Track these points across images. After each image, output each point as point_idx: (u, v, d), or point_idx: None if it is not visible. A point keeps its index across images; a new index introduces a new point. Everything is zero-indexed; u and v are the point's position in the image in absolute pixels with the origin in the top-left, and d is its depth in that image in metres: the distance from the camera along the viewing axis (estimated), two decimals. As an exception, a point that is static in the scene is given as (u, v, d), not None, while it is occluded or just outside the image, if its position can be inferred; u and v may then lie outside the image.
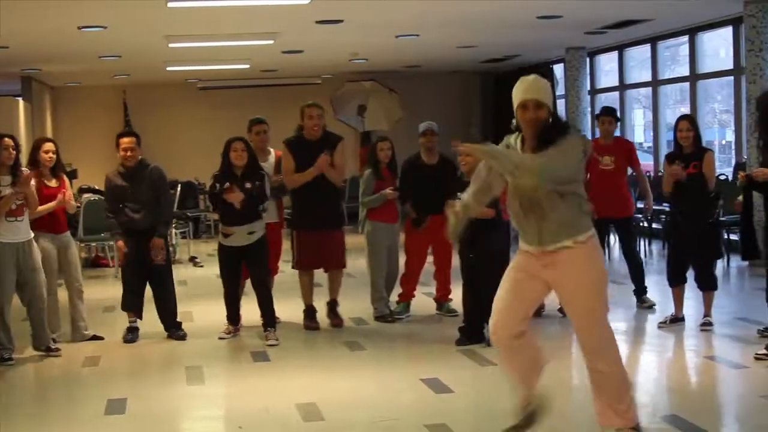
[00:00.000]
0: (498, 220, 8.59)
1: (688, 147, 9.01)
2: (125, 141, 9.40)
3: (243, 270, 9.49)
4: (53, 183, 9.23)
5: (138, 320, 9.52)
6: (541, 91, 5.51)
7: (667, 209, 9.41)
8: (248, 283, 9.82)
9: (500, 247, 8.73)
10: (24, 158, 9.42)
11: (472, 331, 8.69)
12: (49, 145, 9.32)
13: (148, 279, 9.46)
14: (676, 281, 9.28)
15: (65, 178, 9.48)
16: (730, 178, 13.97)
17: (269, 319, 9.38)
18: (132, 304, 9.49)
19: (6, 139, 8.67)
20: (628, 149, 10.36)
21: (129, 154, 9.33)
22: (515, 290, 5.64)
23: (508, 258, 8.80)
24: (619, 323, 9.67)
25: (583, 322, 5.62)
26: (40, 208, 8.88)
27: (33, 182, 8.78)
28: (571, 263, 5.49)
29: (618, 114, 10.39)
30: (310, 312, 9.79)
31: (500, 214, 8.64)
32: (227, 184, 9.13)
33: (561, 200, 5.42)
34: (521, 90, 5.54)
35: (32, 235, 8.75)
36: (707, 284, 9.13)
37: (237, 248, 9.25)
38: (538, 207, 5.44)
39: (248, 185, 9.17)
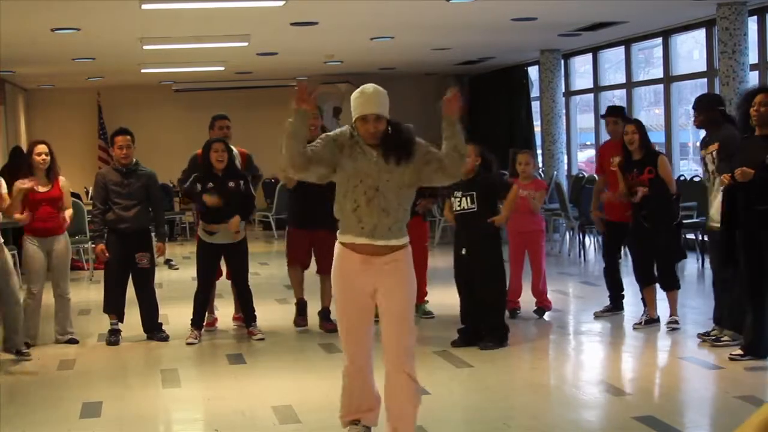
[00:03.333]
0: (491, 221, 8.67)
1: (636, 151, 9.07)
2: (120, 139, 9.33)
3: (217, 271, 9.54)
4: (44, 188, 9.17)
5: (119, 323, 9.50)
6: (382, 104, 5.63)
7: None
8: (220, 286, 9.87)
9: (496, 249, 8.77)
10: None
11: (470, 333, 8.71)
12: (41, 147, 9.27)
13: (130, 281, 9.46)
14: (645, 282, 9.34)
15: (61, 182, 9.39)
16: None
17: (251, 315, 9.45)
18: (114, 306, 9.46)
19: None
20: None
21: (125, 152, 9.29)
22: (363, 307, 5.83)
23: (501, 254, 8.85)
24: (594, 324, 9.72)
25: (403, 325, 5.85)
26: (17, 216, 8.88)
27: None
28: (396, 266, 5.72)
29: (625, 112, 10.03)
30: (301, 307, 9.71)
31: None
32: (210, 185, 9.14)
33: (406, 199, 5.63)
34: (361, 103, 5.61)
35: (1, 240, 8.69)
36: (669, 284, 9.23)
37: (219, 246, 9.26)
38: (383, 199, 5.54)
39: (231, 184, 9.19)
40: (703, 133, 8.87)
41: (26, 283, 9.36)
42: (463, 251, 8.75)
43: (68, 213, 9.41)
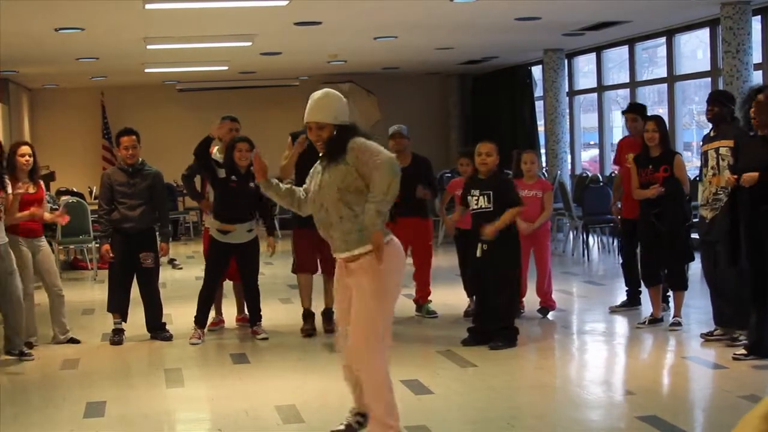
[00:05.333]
0: (512, 223, 8.66)
1: (655, 148, 9.06)
2: (125, 140, 9.34)
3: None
4: (32, 189, 9.16)
5: (123, 322, 9.50)
6: (322, 111, 5.72)
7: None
8: (226, 285, 9.88)
9: (514, 250, 8.77)
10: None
11: (480, 332, 8.70)
12: (25, 149, 9.27)
13: (135, 280, 9.46)
14: (651, 282, 9.34)
15: (41, 183, 9.42)
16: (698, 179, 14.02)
17: (257, 315, 9.46)
18: (118, 306, 9.46)
19: None
20: None
21: (130, 152, 9.29)
22: (342, 307, 5.90)
23: (519, 259, 8.86)
24: (598, 324, 9.72)
25: (355, 326, 5.70)
26: (17, 215, 8.87)
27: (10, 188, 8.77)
28: (357, 272, 5.67)
29: (644, 110, 10.14)
30: (308, 316, 9.69)
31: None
32: (233, 177, 9.14)
33: (352, 206, 5.62)
34: (306, 111, 5.80)
35: (7, 239, 8.70)
36: (677, 284, 9.21)
37: (231, 246, 9.26)
38: (325, 214, 5.71)
39: (252, 185, 9.19)
40: (703, 132, 8.88)
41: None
42: (478, 252, 8.68)
43: (46, 214, 9.36)
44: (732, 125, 8.41)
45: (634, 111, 10.12)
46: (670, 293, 9.44)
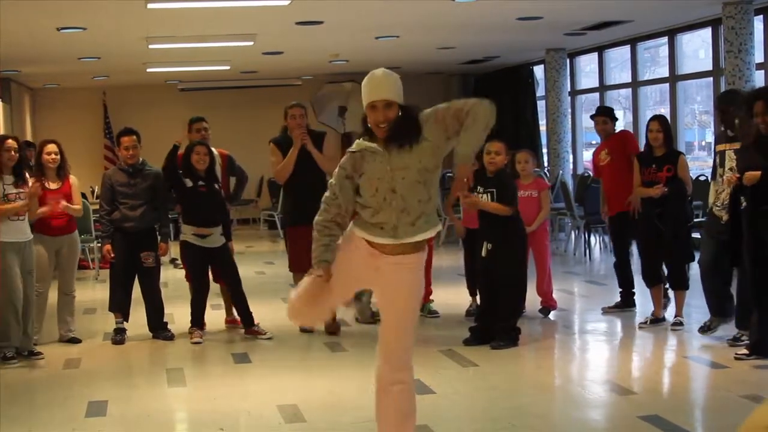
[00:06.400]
0: (516, 219, 8.66)
1: (659, 148, 9.07)
2: (126, 140, 9.36)
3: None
4: (55, 185, 9.18)
5: (125, 322, 9.51)
6: (391, 88, 5.14)
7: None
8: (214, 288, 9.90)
9: (520, 248, 8.78)
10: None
11: (482, 332, 8.71)
12: (51, 147, 9.30)
13: (136, 280, 9.48)
14: (652, 281, 9.34)
15: (71, 180, 9.40)
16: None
17: (248, 317, 9.48)
18: (120, 305, 9.47)
19: (9, 140, 8.66)
20: (622, 141, 10.00)
21: (131, 152, 9.30)
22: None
23: (525, 259, 8.88)
24: (599, 323, 9.72)
25: (402, 324, 5.31)
26: (38, 211, 8.89)
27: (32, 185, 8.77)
28: (399, 270, 5.24)
29: (612, 112, 10.24)
30: None
31: (518, 213, 8.72)
32: (200, 183, 9.17)
33: (428, 188, 5.17)
34: (369, 89, 5.12)
35: (32, 236, 8.73)
36: (679, 284, 9.21)
37: (206, 250, 9.29)
38: (401, 200, 5.11)
39: (217, 186, 9.24)
40: (708, 132, 8.88)
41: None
42: (483, 252, 8.70)
43: (75, 207, 9.35)
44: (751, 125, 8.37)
45: (604, 114, 10.15)
46: (668, 285, 9.44)
